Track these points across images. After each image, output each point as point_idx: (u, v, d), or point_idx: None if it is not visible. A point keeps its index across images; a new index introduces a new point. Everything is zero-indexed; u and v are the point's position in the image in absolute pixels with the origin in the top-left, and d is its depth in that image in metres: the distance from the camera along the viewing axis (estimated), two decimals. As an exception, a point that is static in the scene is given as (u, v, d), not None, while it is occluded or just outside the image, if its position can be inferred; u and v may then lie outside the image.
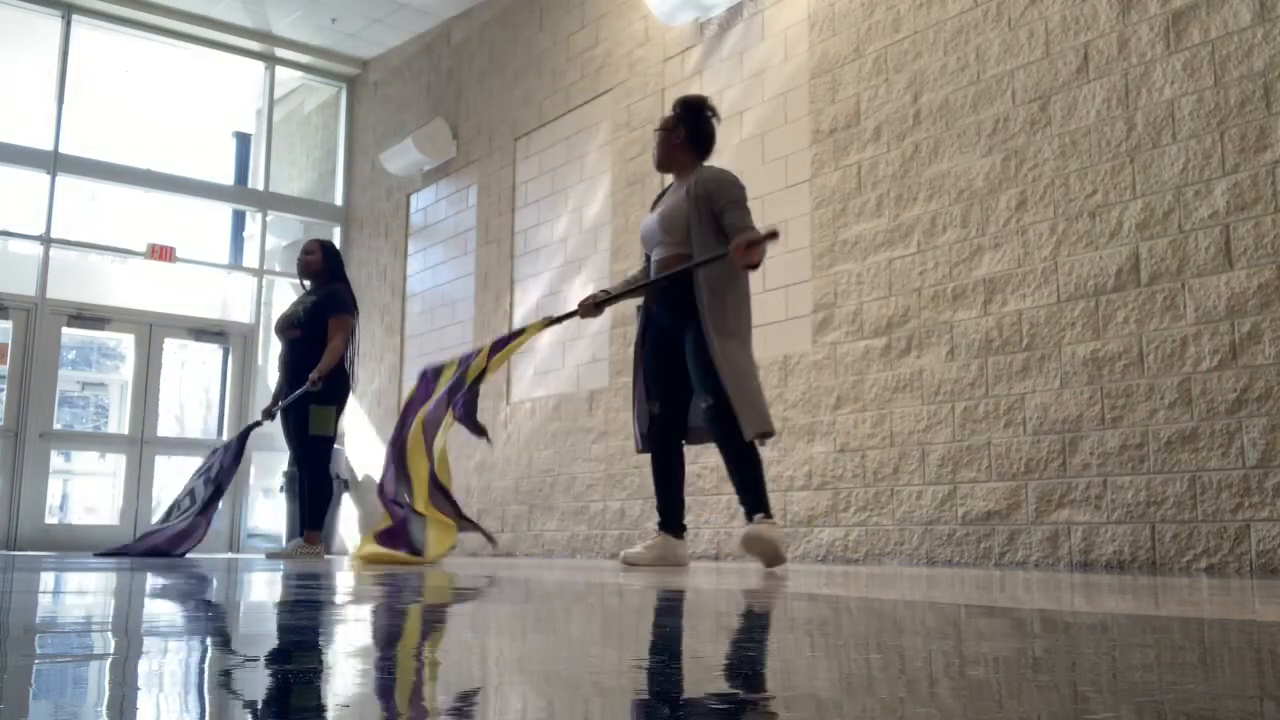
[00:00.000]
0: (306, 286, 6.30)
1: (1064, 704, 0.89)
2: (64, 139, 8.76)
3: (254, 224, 10.05)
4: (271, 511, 9.60)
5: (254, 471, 9.38)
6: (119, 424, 10.01)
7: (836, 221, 5.20)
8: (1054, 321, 4.27)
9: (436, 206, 8.74)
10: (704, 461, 5.44)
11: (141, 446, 8.89)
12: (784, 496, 5.24)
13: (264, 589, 2.89)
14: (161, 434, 9.17)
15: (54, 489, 10.01)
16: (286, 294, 9.41)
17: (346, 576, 3.63)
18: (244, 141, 10.93)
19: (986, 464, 4.43)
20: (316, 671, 1.10)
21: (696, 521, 5.52)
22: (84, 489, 11.75)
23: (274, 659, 1.23)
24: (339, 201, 10.19)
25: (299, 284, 6.40)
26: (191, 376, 11.14)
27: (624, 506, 6.27)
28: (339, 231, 10.09)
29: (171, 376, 10.22)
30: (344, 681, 1.04)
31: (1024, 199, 4.44)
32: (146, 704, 0.88)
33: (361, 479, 9.06)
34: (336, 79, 10.29)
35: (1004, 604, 2.15)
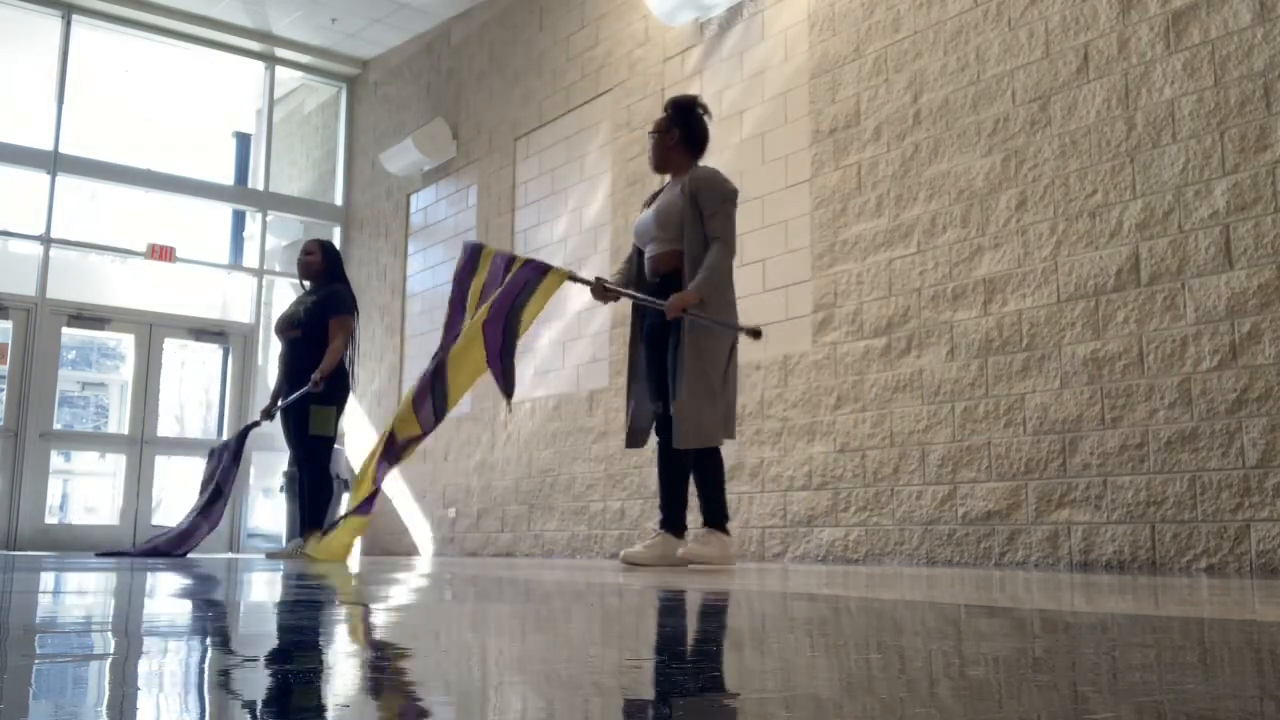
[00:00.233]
0: (306, 287, 6.30)
1: (1064, 704, 0.89)
2: (64, 139, 8.76)
3: (254, 224, 10.05)
4: (271, 511, 9.60)
5: (254, 471, 9.38)
6: (119, 424, 10.02)
7: (836, 221, 5.20)
8: (1054, 321, 4.27)
9: (436, 206, 8.74)
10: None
11: (141, 446, 8.89)
12: (784, 496, 5.24)
13: (264, 589, 2.89)
14: (161, 434, 9.17)
15: (54, 489, 10.02)
16: (286, 294, 9.41)
17: (346, 576, 3.63)
18: (244, 141, 10.94)
19: (986, 464, 4.43)
20: (316, 671, 1.10)
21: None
22: (84, 489, 11.75)
23: (274, 659, 1.23)
24: (339, 201, 10.19)
25: (299, 284, 6.40)
26: (191, 376, 11.15)
27: (624, 506, 6.27)
28: (339, 231, 10.09)
29: (171, 376, 10.22)
30: (344, 681, 1.04)
31: (1024, 199, 4.44)
32: (146, 704, 0.88)
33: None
34: (336, 79, 10.29)
35: (1004, 604, 2.15)
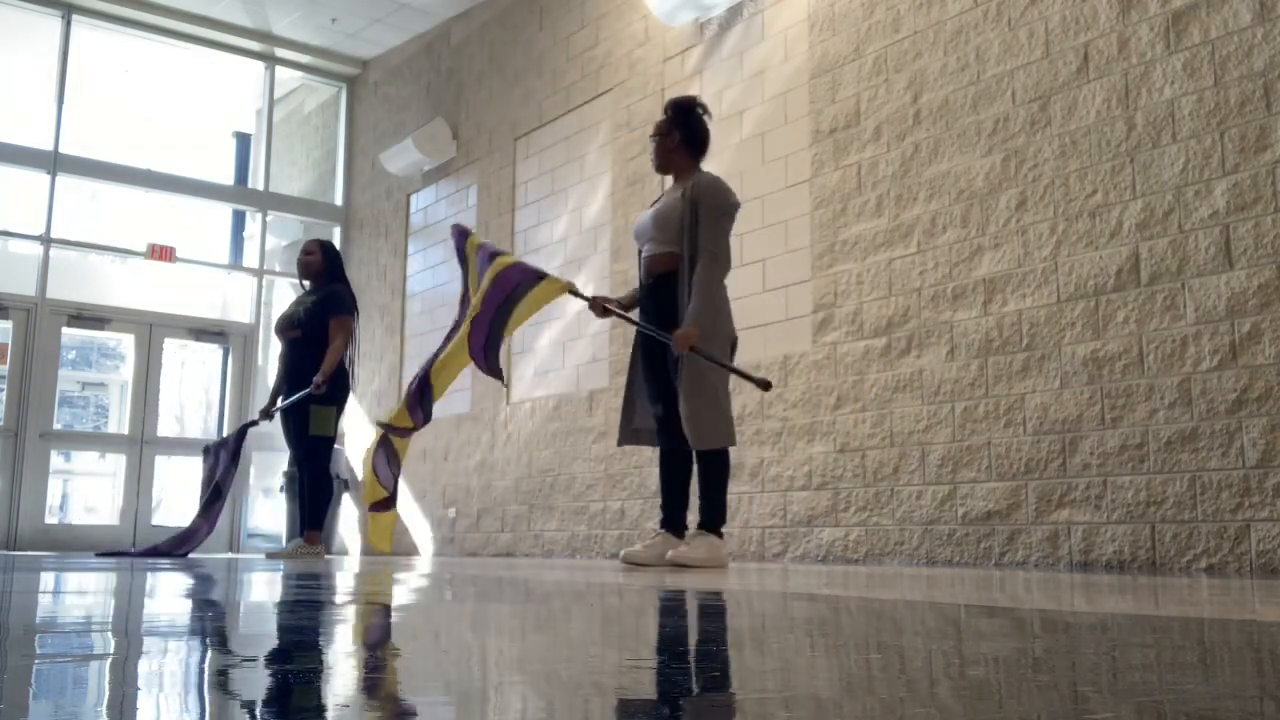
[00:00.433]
0: (306, 287, 6.30)
1: (1064, 704, 0.89)
2: (64, 139, 8.76)
3: (254, 224, 10.05)
4: (271, 511, 9.60)
5: (254, 471, 9.38)
6: (119, 424, 10.02)
7: (836, 221, 5.20)
8: (1054, 321, 4.27)
9: (436, 206, 8.74)
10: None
11: (141, 446, 8.89)
12: (784, 496, 5.24)
13: (264, 589, 2.89)
14: (161, 434, 9.17)
15: (54, 489, 10.02)
16: (286, 294, 9.41)
17: (346, 576, 3.63)
18: (244, 141, 10.93)
19: (986, 464, 4.43)
20: (316, 671, 1.10)
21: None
22: (84, 489, 11.75)
23: (274, 659, 1.23)
24: (339, 201, 10.19)
25: (299, 284, 6.40)
26: (191, 376, 11.15)
27: (624, 506, 6.27)
28: (339, 231, 10.09)
29: (171, 376, 10.22)
30: (344, 681, 1.04)
31: (1024, 199, 4.44)
32: (146, 704, 0.88)
33: (362, 479, 9.05)
34: (336, 79, 10.29)
35: (1004, 604, 2.15)
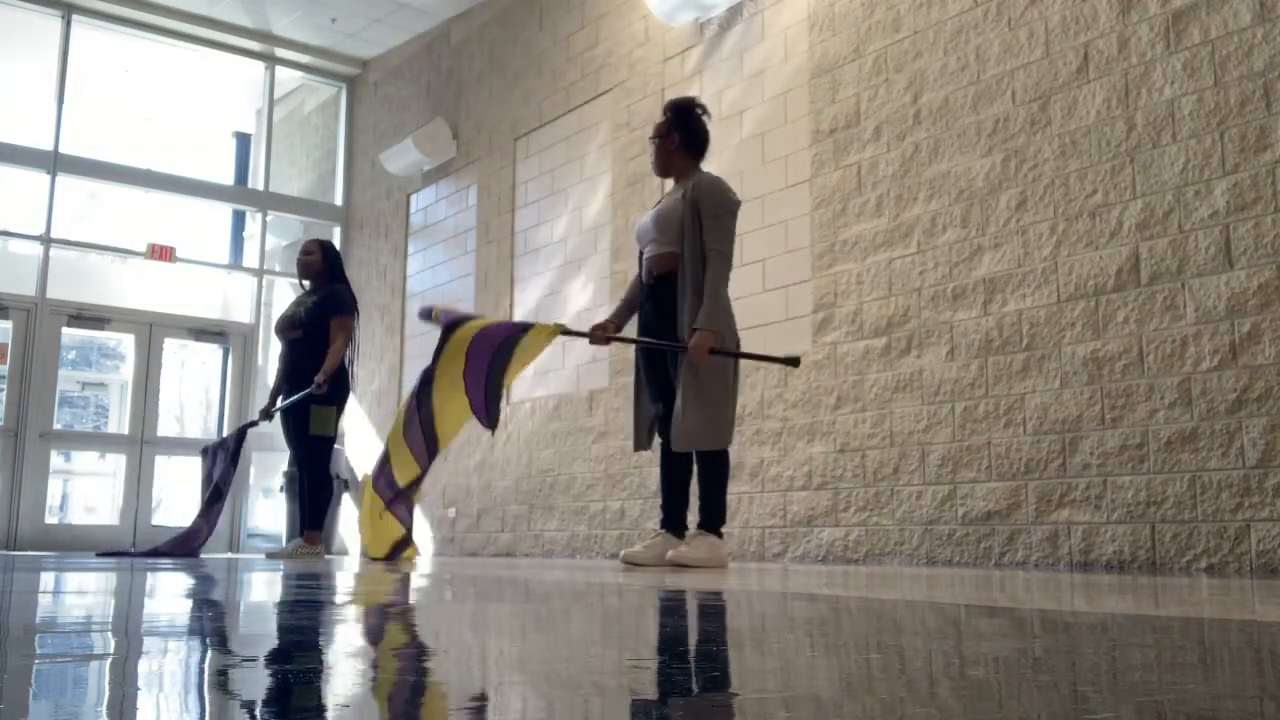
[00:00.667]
0: (306, 287, 6.30)
1: (1064, 704, 0.89)
2: (64, 139, 8.76)
3: (254, 224, 10.05)
4: (271, 511, 9.60)
5: (254, 471, 9.38)
6: (119, 424, 10.01)
7: (836, 221, 5.20)
8: (1054, 321, 4.27)
9: (436, 206, 8.74)
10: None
11: (141, 446, 8.89)
12: (784, 496, 5.24)
13: (264, 589, 2.89)
14: (161, 434, 9.17)
15: (54, 489, 10.01)
16: (286, 294, 9.41)
17: (346, 576, 3.63)
18: (244, 141, 10.93)
19: (986, 464, 4.43)
20: (316, 671, 1.10)
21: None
22: (84, 489, 11.75)
23: (274, 659, 1.23)
24: (339, 201, 10.19)
25: (299, 284, 6.40)
26: (191, 376, 11.14)
27: (624, 506, 6.27)
28: (339, 231, 10.09)
29: (171, 376, 10.22)
30: (344, 681, 1.04)
31: (1024, 199, 4.44)
32: (146, 704, 0.88)
33: (362, 479, 9.05)
34: (336, 79, 10.29)
35: (1004, 604, 2.15)
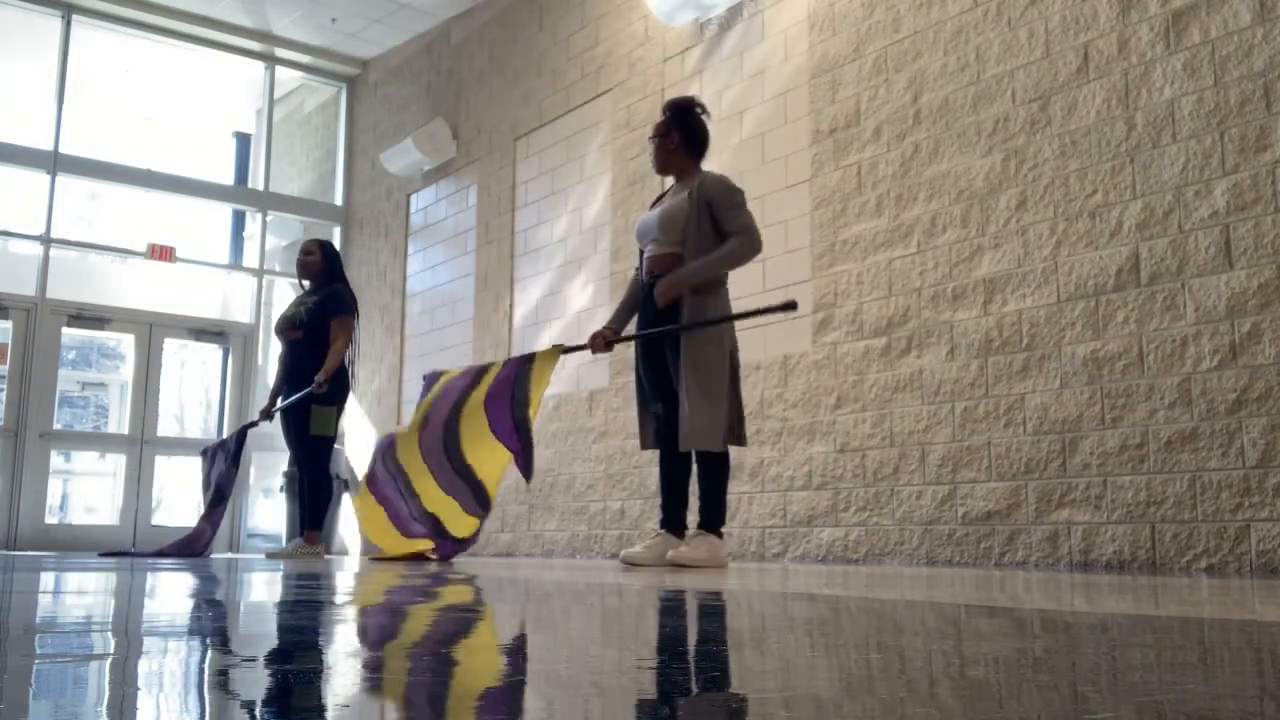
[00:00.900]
0: (306, 287, 6.30)
1: (1064, 704, 0.89)
2: (64, 139, 8.76)
3: (254, 224, 10.05)
4: (271, 511, 9.60)
5: (254, 471, 9.38)
6: (119, 424, 10.01)
7: (836, 221, 5.20)
8: (1054, 321, 4.27)
9: (436, 206, 8.74)
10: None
11: (141, 446, 8.89)
12: (784, 496, 5.24)
13: (264, 589, 2.89)
14: (161, 434, 9.17)
15: (54, 489, 10.02)
16: (286, 294, 9.41)
17: (346, 576, 3.63)
18: (244, 141, 10.94)
19: (986, 464, 4.43)
20: (316, 671, 1.10)
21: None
22: (84, 489, 11.75)
23: (274, 659, 1.23)
24: (339, 201, 10.19)
25: (298, 284, 6.40)
26: (191, 376, 11.15)
27: (624, 506, 6.27)
28: (339, 231, 10.09)
29: (171, 376, 10.22)
30: (344, 681, 1.04)
31: (1024, 199, 4.44)
32: (146, 704, 0.88)
33: (362, 479, 9.05)
34: (336, 79, 10.29)
35: (1004, 604, 2.15)
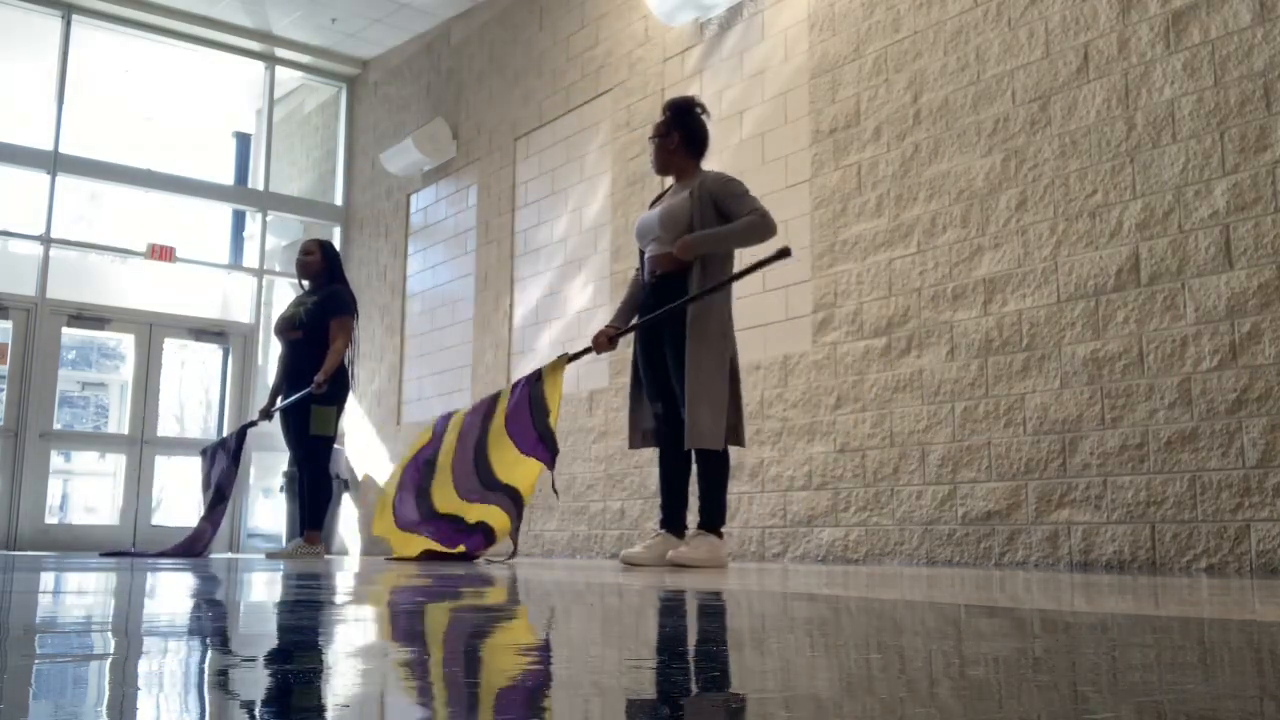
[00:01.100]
0: (305, 287, 6.30)
1: (1064, 704, 0.89)
2: (64, 139, 8.76)
3: (254, 224, 10.05)
4: (271, 511, 9.60)
5: (254, 471, 9.38)
6: (119, 424, 10.02)
7: (836, 221, 5.20)
8: (1054, 321, 4.27)
9: (436, 206, 8.74)
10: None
11: (141, 446, 8.89)
12: (784, 496, 5.24)
13: (264, 589, 2.89)
14: (161, 434, 9.17)
15: (54, 489, 10.02)
16: (286, 294, 9.40)
17: (346, 576, 3.62)
18: (244, 141, 10.94)
19: (986, 464, 4.43)
20: (316, 671, 1.10)
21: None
22: (84, 489, 11.75)
23: (274, 659, 1.23)
24: (339, 201, 10.19)
25: (298, 284, 6.40)
26: (191, 376, 11.15)
27: (624, 506, 6.27)
28: (339, 231, 10.09)
29: (171, 376, 10.22)
30: (343, 681, 1.04)
31: (1024, 199, 4.44)
32: (146, 704, 0.88)
33: (362, 479, 9.06)
34: (336, 79, 10.29)
35: (1004, 604, 2.15)
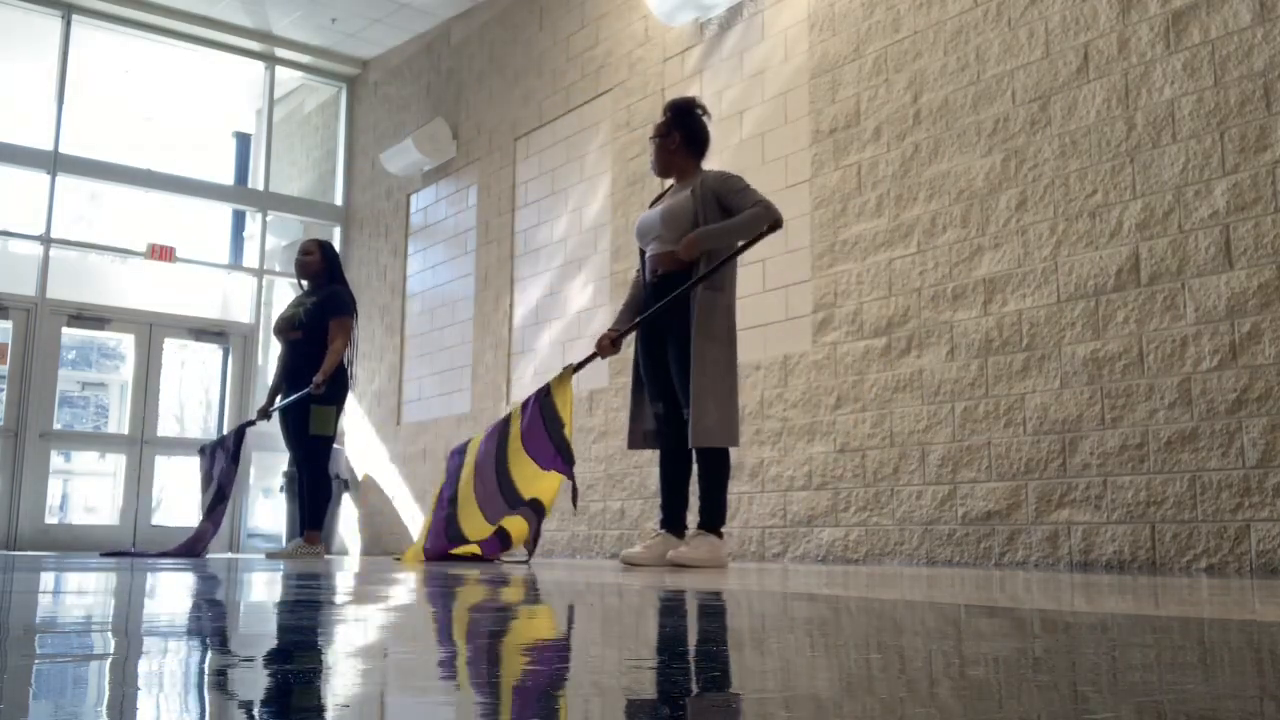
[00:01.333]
0: (304, 287, 6.30)
1: (1064, 704, 0.89)
2: (64, 139, 8.76)
3: (254, 224, 10.05)
4: (271, 511, 9.60)
5: (254, 471, 9.38)
6: (119, 424, 10.02)
7: (836, 221, 5.20)
8: (1054, 321, 4.27)
9: (436, 206, 8.74)
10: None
11: (141, 446, 8.89)
12: (784, 496, 5.24)
13: (264, 589, 2.89)
14: (161, 434, 9.17)
15: (54, 489, 10.02)
16: (286, 294, 9.40)
17: (346, 576, 3.62)
18: (244, 141, 10.94)
19: (986, 464, 4.43)
20: (316, 671, 1.10)
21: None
22: (84, 489, 11.75)
23: (273, 659, 1.23)
24: (339, 201, 10.19)
25: (297, 284, 6.40)
26: (191, 376, 11.15)
27: (624, 506, 6.27)
28: (339, 231, 10.09)
29: (171, 376, 10.22)
30: (343, 681, 1.04)
31: (1024, 199, 4.44)
32: (146, 704, 0.88)
33: (362, 479, 9.06)
34: (336, 79, 10.29)
35: (1004, 604, 2.15)
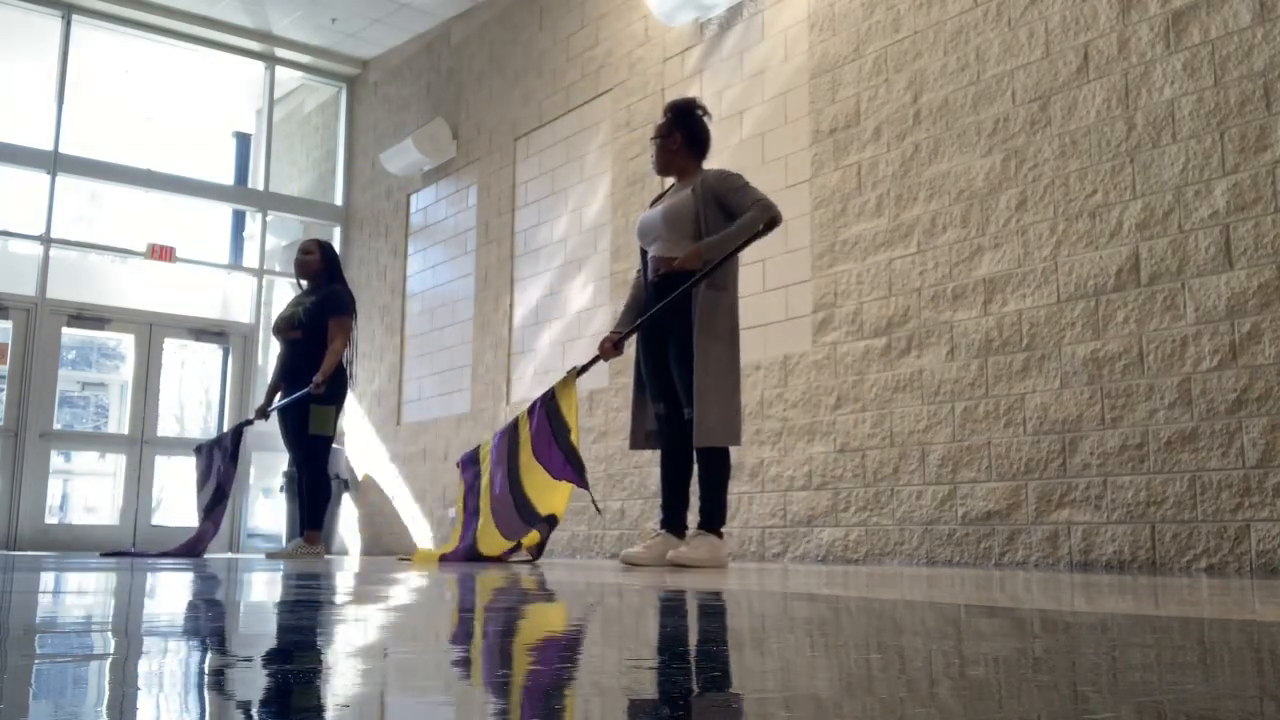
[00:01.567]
0: (304, 286, 6.30)
1: (1064, 704, 0.89)
2: (64, 139, 8.76)
3: (254, 224, 10.05)
4: (271, 511, 9.60)
5: (254, 471, 9.38)
6: (119, 424, 10.02)
7: (836, 221, 5.20)
8: (1054, 321, 4.27)
9: (436, 206, 8.74)
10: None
11: (141, 446, 8.89)
12: (784, 496, 5.24)
13: (264, 589, 2.89)
14: (161, 434, 9.17)
15: (54, 489, 10.01)
16: (286, 294, 9.39)
17: (346, 576, 3.62)
18: (244, 141, 10.94)
19: (986, 464, 4.43)
20: (315, 671, 1.10)
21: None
22: (84, 489, 11.75)
23: (273, 659, 1.23)
24: (339, 201, 10.19)
25: (297, 284, 6.40)
26: (191, 376, 11.15)
27: (624, 506, 6.27)
28: (339, 231, 10.09)
29: (171, 376, 10.22)
30: (343, 681, 1.04)
31: (1024, 199, 4.44)
32: (146, 704, 0.88)
33: (361, 479, 9.06)
34: (336, 79, 10.29)
35: (1004, 604, 2.15)
